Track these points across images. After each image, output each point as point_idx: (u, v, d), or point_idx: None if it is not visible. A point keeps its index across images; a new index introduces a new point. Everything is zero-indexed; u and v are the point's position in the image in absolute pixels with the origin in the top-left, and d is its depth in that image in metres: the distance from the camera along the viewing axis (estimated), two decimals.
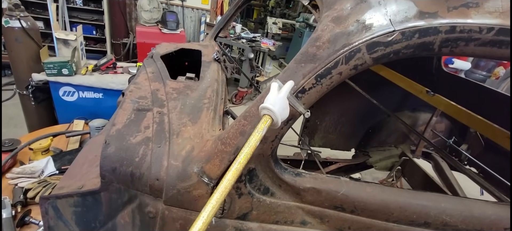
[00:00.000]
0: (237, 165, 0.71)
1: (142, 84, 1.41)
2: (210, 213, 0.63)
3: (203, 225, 0.61)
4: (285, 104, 0.79)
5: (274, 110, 0.75)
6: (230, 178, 0.69)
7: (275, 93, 0.79)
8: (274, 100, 0.77)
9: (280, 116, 0.76)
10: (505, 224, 1.07)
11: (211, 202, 0.65)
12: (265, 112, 0.77)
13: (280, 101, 0.77)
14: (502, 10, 0.74)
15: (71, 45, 2.84)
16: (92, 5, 5.00)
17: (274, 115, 0.75)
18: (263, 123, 0.76)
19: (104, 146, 1.07)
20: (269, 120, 0.76)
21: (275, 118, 0.76)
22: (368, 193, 1.02)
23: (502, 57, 0.76)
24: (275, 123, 0.77)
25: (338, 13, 0.81)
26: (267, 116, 0.76)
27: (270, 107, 0.75)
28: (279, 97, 0.77)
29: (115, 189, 1.11)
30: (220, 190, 0.67)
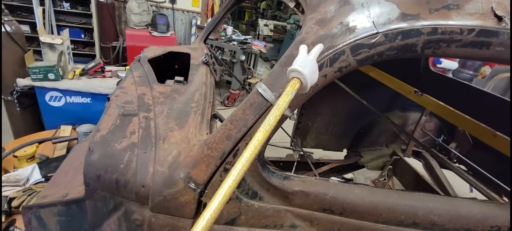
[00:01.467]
0: (262, 132, 0.66)
1: (128, 89, 1.39)
2: (227, 192, 0.59)
3: (224, 197, 0.57)
4: (314, 67, 0.73)
5: (304, 73, 0.69)
6: (252, 149, 0.64)
7: (304, 55, 0.73)
8: (304, 62, 0.71)
9: (309, 79, 0.71)
10: (491, 222, 1.09)
11: (232, 174, 0.60)
12: (294, 75, 0.71)
13: (310, 64, 0.72)
14: (482, 12, 0.75)
15: (58, 49, 2.78)
16: (80, 8, 4.92)
17: (303, 78, 0.70)
18: (291, 86, 0.70)
19: (88, 152, 1.05)
20: (298, 83, 0.70)
21: (304, 81, 0.70)
22: (356, 195, 1.02)
23: (483, 58, 0.77)
24: (303, 86, 0.72)
25: (322, 16, 0.81)
26: (295, 79, 0.71)
27: (299, 69, 0.70)
28: (309, 59, 0.72)
29: (100, 196, 1.08)
30: (237, 167, 0.61)
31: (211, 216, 0.56)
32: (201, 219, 0.55)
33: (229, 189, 0.59)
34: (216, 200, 0.57)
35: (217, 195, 0.58)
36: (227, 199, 0.59)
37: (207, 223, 0.55)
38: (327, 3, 0.83)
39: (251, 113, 0.85)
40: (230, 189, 0.59)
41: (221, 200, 0.57)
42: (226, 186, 0.59)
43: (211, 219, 0.56)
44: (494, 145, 1.64)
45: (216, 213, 0.56)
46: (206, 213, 0.56)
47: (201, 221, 0.55)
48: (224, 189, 0.59)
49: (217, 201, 0.57)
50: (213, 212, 0.56)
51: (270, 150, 3.00)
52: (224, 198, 0.58)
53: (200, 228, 0.55)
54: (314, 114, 2.82)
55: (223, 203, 0.58)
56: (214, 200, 0.57)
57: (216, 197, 0.58)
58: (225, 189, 0.59)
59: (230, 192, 0.59)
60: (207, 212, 0.56)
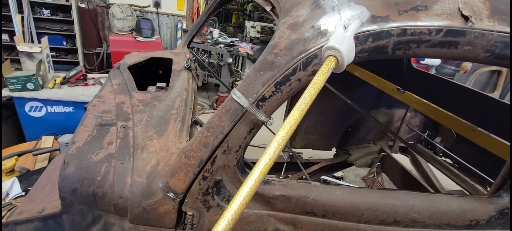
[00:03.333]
0: (298, 111, 0.64)
1: (106, 98, 1.36)
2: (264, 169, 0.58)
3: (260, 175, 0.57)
4: (352, 44, 0.70)
5: (341, 50, 0.66)
6: (288, 128, 0.62)
7: (341, 32, 0.70)
8: (341, 39, 0.68)
9: (346, 56, 0.67)
10: (470, 216, 1.11)
11: (267, 152, 0.59)
12: (330, 53, 0.68)
13: (347, 40, 0.68)
14: (450, 12, 0.77)
15: (36, 58, 2.70)
16: (60, 15, 4.79)
17: (340, 55, 0.67)
18: (327, 64, 0.67)
19: (62, 165, 1.01)
20: (334, 62, 0.67)
21: (341, 59, 0.67)
22: (337, 196, 1.02)
23: (452, 57, 0.79)
24: (340, 64, 0.68)
25: (294, 20, 0.81)
26: (332, 57, 0.67)
27: (336, 46, 0.66)
28: (346, 36, 0.69)
29: (77, 210, 1.05)
30: (273, 145, 0.60)
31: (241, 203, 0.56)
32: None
33: (265, 167, 0.59)
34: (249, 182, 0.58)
35: (250, 177, 0.58)
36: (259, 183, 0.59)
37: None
38: (299, 7, 0.83)
39: (227, 120, 0.84)
40: (267, 167, 0.59)
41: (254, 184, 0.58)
42: (262, 164, 0.59)
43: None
44: (473, 139, 1.68)
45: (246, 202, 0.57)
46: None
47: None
48: (260, 166, 0.59)
49: (251, 183, 0.58)
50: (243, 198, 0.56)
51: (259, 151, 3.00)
52: (256, 182, 0.58)
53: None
54: None
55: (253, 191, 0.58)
56: (245, 185, 0.58)
57: (249, 179, 0.58)
58: (261, 167, 0.59)
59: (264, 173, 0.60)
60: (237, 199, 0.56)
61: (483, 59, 0.79)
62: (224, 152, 0.87)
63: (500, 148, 1.50)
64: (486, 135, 1.58)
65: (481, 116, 2.04)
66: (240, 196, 0.56)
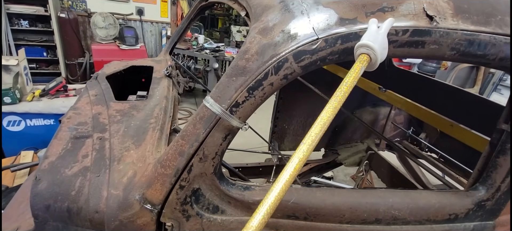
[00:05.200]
0: (330, 108, 0.65)
1: (82, 109, 1.32)
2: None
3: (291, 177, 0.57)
4: (385, 43, 0.69)
5: (375, 47, 0.65)
6: (322, 125, 0.64)
7: (375, 29, 0.70)
8: (374, 37, 0.67)
9: (380, 54, 0.67)
10: (449, 210, 1.13)
11: (301, 149, 0.60)
12: (363, 50, 0.67)
13: (381, 38, 0.68)
14: (415, 13, 0.79)
15: (13, 71, 2.61)
16: (39, 26, 4.66)
17: (373, 53, 0.66)
18: (360, 62, 0.66)
19: (34, 182, 0.98)
20: (367, 59, 0.67)
21: (374, 57, 0.67)
22: (318, 198, 1.02)
23: (420, 56, 0.80)
24: (373, 62, 0.68)
25: (264, 25, 0.81)
26: (364, 55, 0.67)
27: (370, 44, 0.66)
28: (380, 33, 0.69)
29: (52, 228, 1.02)
30: (307, 142, 0.61)
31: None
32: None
33: (299, 163, 0.59)
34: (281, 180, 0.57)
35: (282, 175, 0.58)
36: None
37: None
38: (268, 12, 0.84)
39: (202, 127, 0.83)
40: (301, 162, 0.59)
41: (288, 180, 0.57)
42: (295, 160, 0.59)
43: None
44: (452, 134, 1.73)
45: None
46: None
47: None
48: (294, 162, 0.59)
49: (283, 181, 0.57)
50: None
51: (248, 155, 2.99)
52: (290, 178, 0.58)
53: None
54: (289, 117, 2.85)
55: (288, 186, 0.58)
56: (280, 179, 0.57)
57: (282, 175, 0.57)
58: (294, 163, 0.59)
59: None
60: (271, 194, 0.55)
61: (450, 57, 0.81)
62: (200, 159, 0.86)
63: (477, 141, 1.54)
64: (464, 129, 1.62)
65: (460, 111, 2.10)
66: (275, 190, 0.57)
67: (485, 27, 0.81)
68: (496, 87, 5.58)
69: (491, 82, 5.64)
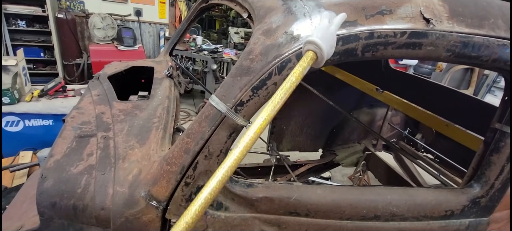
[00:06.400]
0: (272, 105, 0.66)
1: (85, 109, 1.34)
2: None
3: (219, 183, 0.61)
4: (333, 40, 0.68)
5: (321, 45, 0.65)
6: (262, 122, 0.66)
7: (326, 25, 0.68)
8: (324, 34, 0.67)
9: (326, 53, 0.66)
10: (445, 207, 1.16)
11: (248, 133, 0.64)
12: (310, 47, 0.66)
13: (331, 36, 0.67)
14: (412, 15, 0.82)
15: (11, 71, 2.61)
16: (37, 26, 4.65)
17: (320, 52, 0.66)
18: (306, 59, 0.66)
19: (40, 180, 0.99)
20: (313, 57, 0.66)
21: (320, 55, 0.66)
22: (319, 195, 1.05)
23: (417, 57, 0.84)
24: (319, 60, 0.67)
25: (268, 26, 0.84)
26: (311, 52, 0.66)
27: (317, 42, 0.65)
28: (330, 32, 0.68)
29: (57, 225, 1.03)
30: (249, 133, 0.64)
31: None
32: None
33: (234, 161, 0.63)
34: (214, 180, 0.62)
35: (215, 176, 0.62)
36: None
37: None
38: (272, 14, 0.86)
39: (207, 125, 0.86)
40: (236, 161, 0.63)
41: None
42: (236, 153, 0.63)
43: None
44: (447, 134, 1.76)
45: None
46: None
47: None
48: (228, 163, 0.63)
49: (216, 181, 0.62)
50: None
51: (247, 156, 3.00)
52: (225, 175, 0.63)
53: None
54: (287, 117, 2.87)
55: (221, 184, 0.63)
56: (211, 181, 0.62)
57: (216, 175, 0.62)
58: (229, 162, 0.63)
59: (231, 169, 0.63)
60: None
61: (445, 58, 0.85)
62: (206, 157, 0.88)
63: (471, 140, 1.58)
64: (459, 129, 1.66)
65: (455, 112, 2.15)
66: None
67: (479, 29, 0.85)
68: (490, 89, 5.68)
69: (485, 84, 5.73)
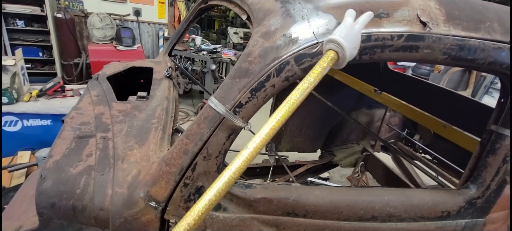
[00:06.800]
0: (289, 104, 0.62)
1: (84, 109, 1.34)
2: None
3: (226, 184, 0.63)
4: (357, 40, 0.63)
5: (344, 45, 0.60)
6: (280, 118, 0.63)
7: (350, 24, 0.64)
8: (347, 33, 0.62)
9: (349, 53, 0.62)
10: (442, 208, 1.17)
11: (250, 145, 0.65)
12: (332, 46, 0.62)
13: (354, 36, 0.63)
14: (409, 19, 0.83)
15: (10, 71, 2.61)
16: (35, 26, 4.64)
17: (342, 51, 0.61)
18: (327, 60, 0.61)
19: (39, 180, 1.00)
20: (334, 57, 0.62)
21: (342, 55, 0.61)
22: (316, 196, 1.06)
23: (414, 60, 0.85)
24: (340, 61, 0.62)
25: (267, 29, 0.85)
26: (332, 51, 0.61)
27: (339, 41, 0.60)
28: (354, 31, 0.63)
29: (56, 225, 1.03)
30: (261, 134, 0.64)
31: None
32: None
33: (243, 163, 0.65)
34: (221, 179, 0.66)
35: (223, 175, 0.65)
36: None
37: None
38: (271, 17, 0.87)
39: (206, 126, 0.86)
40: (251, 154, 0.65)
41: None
42: (247, 151, 0.65)
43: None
44: (445, 135, 1.78)
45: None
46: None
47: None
48: (245, 154, 0.65)
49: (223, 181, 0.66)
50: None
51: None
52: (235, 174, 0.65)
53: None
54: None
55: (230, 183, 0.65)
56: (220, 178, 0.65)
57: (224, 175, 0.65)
58: (245, 154, 0.65)
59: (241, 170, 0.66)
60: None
61: (442, 61, 0.86)
62: (204, 158, 0.89)
63: (469, 142, 1.60)
64: (456, 131, 1.68)
65: (453, 113, 2.16)
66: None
67: (474, 33, 0.86)
68: (487, 90, 5.71)
69: (483, 86, 5.77)
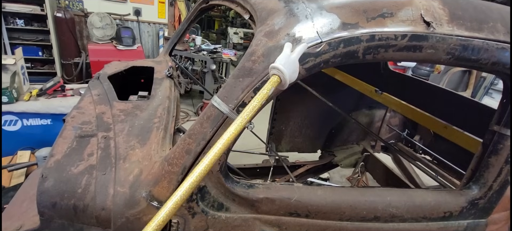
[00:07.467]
0: (237, 123, 0.73)
1: (86, 109, 1.34)
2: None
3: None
4: (295, 66, 0.77)
5: (284, 71, 0.74)
6: (223, 143, 0.73)
7: (288, 54, 0.77)
8: (286, 61, 0.75)
9: (288, 77, 0.75)
10: (444, 208, 1.17)
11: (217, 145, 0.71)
12: (275, 72, 0.76)
13: (292, 63, 0.76)
14: (413, 18, 0.83)
15: (10, 70, 2.60)
16: (35, 25, 4.63)
17: (283, 76, 0.75)
18: (271, 82, 0.75)
19: (40, 179, 0.99)
20: (277, 79, 0.75)
21: (284, 79, 0.75)
22: (319, 196, 1.05)
23: (417, 60, 0.85)
24: (283, 83, 0.77)
25: (270, 28, 0.85)
26: (276, 75, 0.75)
27: (280, 67, 0.74)
28: (292, 59, 0.76)
29: (57, 225, 1.03)
30: (216, 147, 0.73)
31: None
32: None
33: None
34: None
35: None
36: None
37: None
38: (274, 16, 0.87)
39: (209, 126, 0.86)
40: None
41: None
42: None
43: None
44: (446, 135, 1.78)
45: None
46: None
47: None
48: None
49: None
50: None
51: (246, 157, 3.00)
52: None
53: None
54: (286, 118, 2.88)
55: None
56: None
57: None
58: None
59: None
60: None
61: (445, 61, 0.86)
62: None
63: (469, 142, 1.60)
64: (457, 131, 1.68)
65: (453, 114, 2.16)
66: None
67: (478, 33, 0.86)
68: (487, 91, 5.72)
69: (482, 86, 5.77)
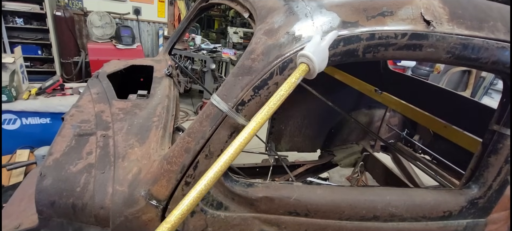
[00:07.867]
0: (266, 110, 0.71)
1: (85, 107, 1.33)
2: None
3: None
4: (325, 55, 0.75)
5: (313, 59, 0.72)
6: (255, 125, 0.70)
7: (317, 41, 0.75)
8: (316, 49, 0.73)
9: (318, 65, 0.73)
10: (443, 207, 1.17)
11: (228, 151, 0.69)
12: (303, 60, 0.73)
13: (322, 51, 0.74)
14: (413, 17, 0.83)
15: (9, 69, 2.59)
16: (35, 24, 4.62)
17: (312, 64, 0.72)
18: (299, 71, 0.73)
19: (39, 178, 0.99)
20: (306, 69, 0.73)
21: (313, 67, 0.73)
22: (318, 195, 1.05)
23: (417, 59, 0.84)
24: (311, 72, 0.74)
25: (270, 26, 0.84)
26: (304, 64, 0.73)
27: (309, 55, 0.72)
28: (321, 46, 0.74)
29: (56, 224, 1.03)
30: (239, 138, 0.71)
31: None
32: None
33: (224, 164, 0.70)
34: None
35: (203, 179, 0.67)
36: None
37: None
38: (274, 14, 0.87)
39: (208, 124, 0.86)
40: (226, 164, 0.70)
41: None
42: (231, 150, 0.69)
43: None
44: (445, 135, 1.78)
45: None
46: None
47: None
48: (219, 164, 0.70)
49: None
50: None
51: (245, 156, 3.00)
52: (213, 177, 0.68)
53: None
54: (286, 118, 2.87)
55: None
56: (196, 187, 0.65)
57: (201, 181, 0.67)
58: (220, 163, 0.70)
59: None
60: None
61: (445, 60, 0.85)
62: (206, 156, 0.88)
63: (469, 142, 1.60)
64: (457, 131, 1.68)
65: (453, 113, 2.16)
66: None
67: (478, 32, 0.86)
68: (487, 91, 5.72)
69: (482, 86, 5.78)
